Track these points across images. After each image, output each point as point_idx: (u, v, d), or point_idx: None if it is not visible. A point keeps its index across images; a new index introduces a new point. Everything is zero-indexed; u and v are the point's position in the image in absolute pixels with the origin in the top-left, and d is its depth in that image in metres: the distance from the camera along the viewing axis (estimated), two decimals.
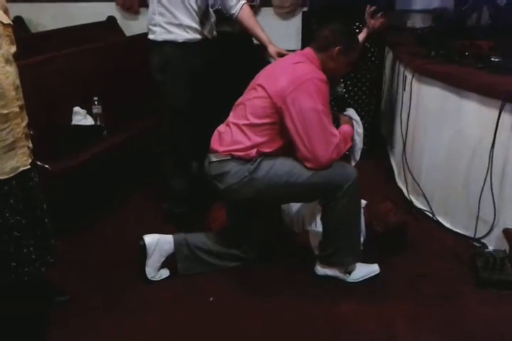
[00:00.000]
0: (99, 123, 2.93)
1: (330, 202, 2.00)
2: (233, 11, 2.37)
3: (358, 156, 2.23)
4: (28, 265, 1.75)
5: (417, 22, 3.74)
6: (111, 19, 4.26)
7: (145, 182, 3.04)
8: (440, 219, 2.59)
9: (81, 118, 2.87)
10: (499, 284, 2.08)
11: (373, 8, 2.85)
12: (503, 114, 2.08)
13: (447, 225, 2.54)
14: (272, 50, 2.31)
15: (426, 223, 2.62)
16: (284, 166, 1.96)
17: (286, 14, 4.07)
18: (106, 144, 2.70)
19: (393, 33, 3.49)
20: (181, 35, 2.30)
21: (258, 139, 1.96)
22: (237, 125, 2.01)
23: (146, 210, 2.74)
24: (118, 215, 2.73)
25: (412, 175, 2.74)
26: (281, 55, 2.28)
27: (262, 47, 2.38)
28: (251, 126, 1.98)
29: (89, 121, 2.90)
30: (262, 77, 2.04)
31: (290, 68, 1.98)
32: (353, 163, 2.22)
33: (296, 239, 2.41)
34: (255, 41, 2.52)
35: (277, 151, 2.00)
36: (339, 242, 2.07)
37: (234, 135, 2.00)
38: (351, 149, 2.17)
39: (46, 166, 2.35)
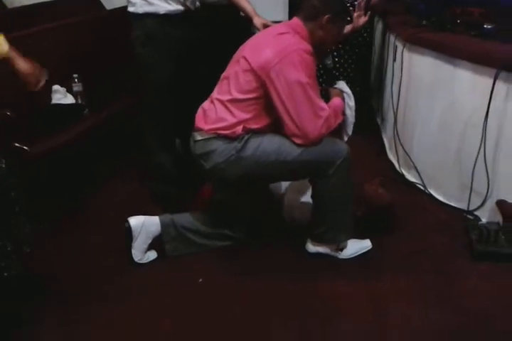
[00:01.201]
0: (79, 102, 2.83)
1: (321, 180, 1.93)
2: None
3: (350, 131, 2.15)
4: (5, 258, 1.66)
5: None
6: None
7: (128, 161, 2.95)
8: (432, 192, 2.54)
9: (61, 96, 2.76)
10: (494, 256, 2.04)
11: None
12: (497, 82, 2.01)
13: (440, 198, 2.50)
14: (257, 21, 2.21)
15: (418, 196, 2.58)
16: (272, 144, 1.89)
17: None
18: (87, 123, 2.61)
19: (382, 2, 3.37)
20: (163, 7, 2.19)
21: (243, 115, 1.88)
22: (221, 101, 1.92)
23: (131, 190, 2.67)
24: (102, 195, 2.65)
25: (403, 148, 2.68)
26: (266, 26, 2.17)
27: (248, 19, 2.27)
28: (235, 101, 1.89)
29: (69, 99, 2.79)
30: (245, 48, 1.94)
31: (274, 39, 1.88)
32: (346, 138, 2.15)
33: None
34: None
35: (265, 128, 1.92)
36: (331, 220, 2.01)
37: (218, 112, 1.91)
38: (343, 123, 2.09)
39: (25, 148, 2.27)
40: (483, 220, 2.28)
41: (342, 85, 2.13)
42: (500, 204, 2.19)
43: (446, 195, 2.48)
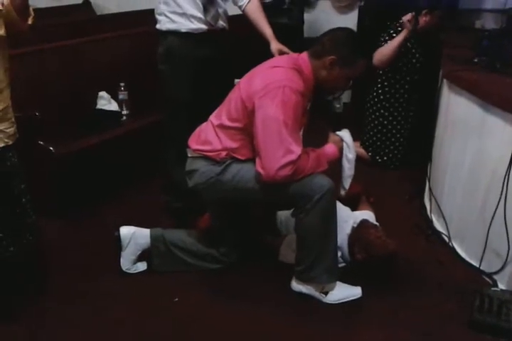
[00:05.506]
0: (124, 109, 2.96)
1: (299, 214, 1.85)
2: (241, 3, 2.27)
3: (347, 185, 2.00)
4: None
5: (487, 23, 3.34)
6: None
7: (154, 173, 2.92)
8: (456, 246, 2.31)
9: (105, 102, 2.91)
10: (492, 330, 1.80)
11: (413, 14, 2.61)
12: None
13: (462, 254, 2.26)
14: (273, 47, 2.17)
15: (440, 248, 2.35)
16: (251, 170, 1.83)
17: (343, 8, 3.85)
18: (119, 131, 2.72)
19: (456, 34, 3.15)
20: (185, 25, 2.22)
21: (230, 144, 1.86)
22: (213, 124, 1.92)
23: (150, 201, 2.70)
24: (121, 203, 2.71)
25: (432, 193, 2.47)
26: (282, 53, 2.12)
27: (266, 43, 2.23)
28: (223, 127, 1.88)
29: (113, 106, 2.93)
30: (245, 76, 1.92)
31: (267, 72, 1.84)
32: (343, 192, 2.00)
33: None
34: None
35: (250, 160, 1.87)
36: (312, 258, 1.90)
37: (208, 134, 1.91)
38: (340, 176, 1.98)
39: (50, 148, 2.41)
40: (501, 286, 2.02)
41: (345, 134, 1.98)
42: None
43: (468, 252, 2.23)
